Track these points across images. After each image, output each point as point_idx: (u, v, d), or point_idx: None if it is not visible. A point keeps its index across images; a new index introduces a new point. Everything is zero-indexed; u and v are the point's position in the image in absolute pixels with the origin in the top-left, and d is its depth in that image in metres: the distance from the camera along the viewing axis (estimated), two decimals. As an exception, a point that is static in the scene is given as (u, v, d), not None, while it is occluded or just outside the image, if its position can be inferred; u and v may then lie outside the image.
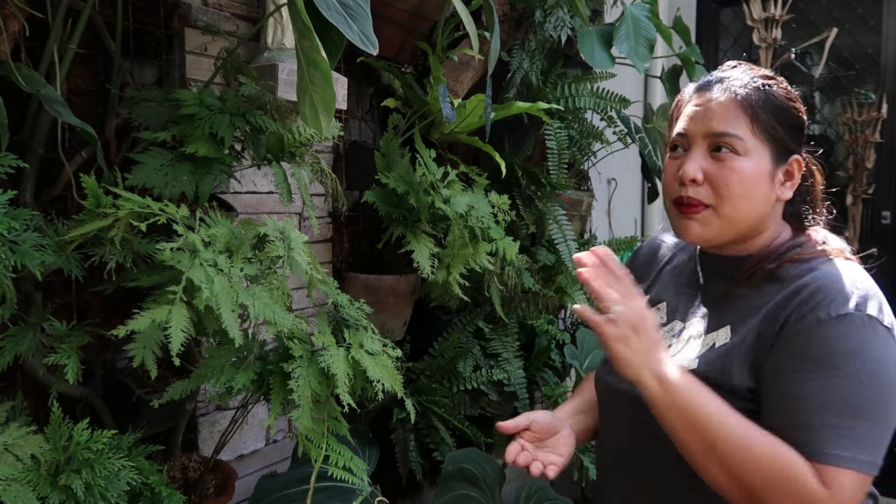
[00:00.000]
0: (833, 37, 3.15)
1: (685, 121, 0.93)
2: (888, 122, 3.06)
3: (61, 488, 0.92)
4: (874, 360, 0.78)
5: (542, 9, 2.07)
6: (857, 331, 0.79)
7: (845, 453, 0.77)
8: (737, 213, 0.90)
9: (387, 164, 1.62)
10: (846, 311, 0.80)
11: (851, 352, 0.78)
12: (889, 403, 0.79)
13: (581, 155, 2.30)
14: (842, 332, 0.79)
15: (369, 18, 0.93)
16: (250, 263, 0.98)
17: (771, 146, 0.90)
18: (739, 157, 0.89)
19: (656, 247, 1.15)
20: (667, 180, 0.96)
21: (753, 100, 0.89)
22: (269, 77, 1.39)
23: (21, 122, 1.12)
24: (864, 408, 0.77)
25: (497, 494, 1.61)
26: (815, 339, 0.80)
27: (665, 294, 1.04)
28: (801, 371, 0.80)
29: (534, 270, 2.11)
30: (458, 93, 1.92)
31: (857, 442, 0.77)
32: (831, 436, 0.77)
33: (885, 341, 0.80)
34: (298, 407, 1.03)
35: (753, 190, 0.89)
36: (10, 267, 0.88)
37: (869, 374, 0.78)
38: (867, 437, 0.77)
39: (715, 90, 0.92)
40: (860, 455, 0.77)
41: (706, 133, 0.90)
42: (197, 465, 1.37)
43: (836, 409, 0.77)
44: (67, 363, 0.98)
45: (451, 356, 1.99)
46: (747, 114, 0.89)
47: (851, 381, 0.78)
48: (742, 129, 0.89)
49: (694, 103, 0.94)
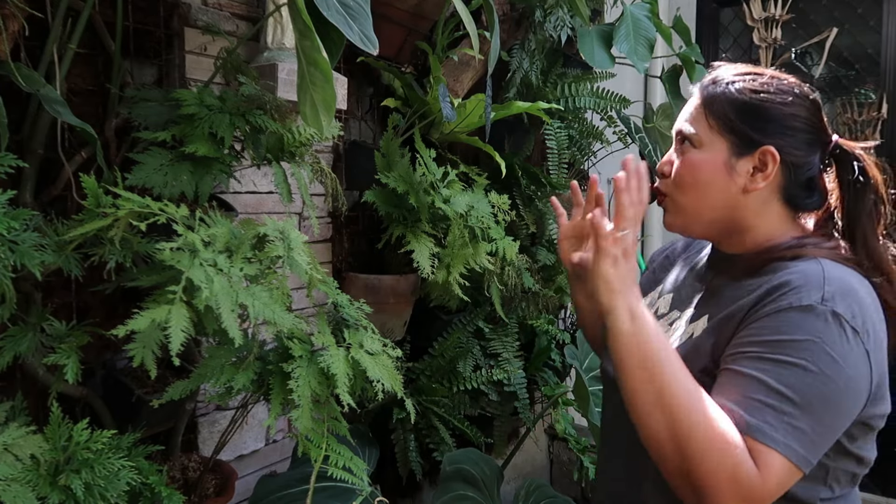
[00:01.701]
0: (833, 37, 3.15)
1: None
2: (888, 122, 3.06)
3: (61, 488, 0.92)
4: (830, 356, 0.76)
5: (542, 9, 2.07)
6: (817, 323, 0.77)
7: (783, 438, 0.75)
8: (689, 203, 0.94)
9: (387, 163, 1.62)
10: (809, 302, 0.78)
11: (807, 342, 0.76)
12: (837, 404, 0.77)
13: (581, 155, 2.31)
14: (801, 321, 0.77)
15: (369, 18, 0.93)
16: (250, 263, 0.98)
17: (730, 138, 0.90)
18: (693, 150, 0.93)
19: (685, 241, 1.18)
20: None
21: (715, 94, 0.92)
22: (269, 77, 1.39)
23: (21, 122, 1.12)
24: (809, 402, 0.75)
25: (496, 494, 1.61)
26: (774, 324, 0.79)
27: (675, 286, 1.07)
28: (754, 353, 0.79)
29: (534, 270, 2.11)
30: (458, 93, 1.92)
31: (795, 431, 0.75)
32: (772, 417, 0.75)
33: (846, 341, 0.77)
34: (298, 407, 1.03)
35: (705, 181, 0.92)
36: (9, 267, 0.87)
37: (821, 369, 0.76)
38: (806, 430, 0.75)
39: (696, 89, 0.97)
40: (795, 445, 0.75)
41: (677, 131, 0.97)
42: (197, 465, 1.37)
43: (782, 394, 0.76)
44: (67, 363, 0.98)
45: (451, 356, 1.99)
46: (706, 109, 0.93)
47: (802, 371, 0.76)
48: (700, 125, 0.93)
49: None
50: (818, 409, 0.76)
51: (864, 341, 0.78)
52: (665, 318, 1.02)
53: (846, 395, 0.77)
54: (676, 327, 0.98)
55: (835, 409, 0.77)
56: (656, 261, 1.19)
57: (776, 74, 0.94)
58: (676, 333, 0.96)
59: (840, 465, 0.84)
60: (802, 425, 0.75)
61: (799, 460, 0.75)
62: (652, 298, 1.11)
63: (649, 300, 1.11)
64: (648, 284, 1.15)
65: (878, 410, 0.83)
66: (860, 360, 0.78)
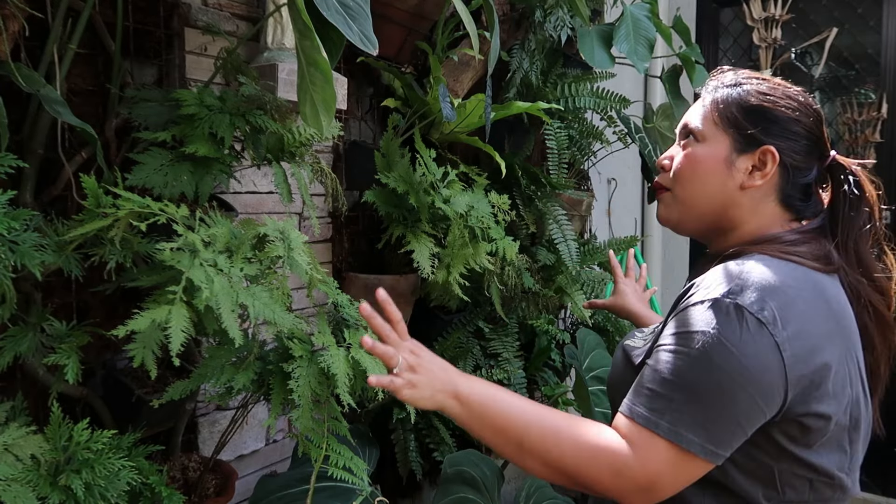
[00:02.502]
0: (833, 37, 3.15)
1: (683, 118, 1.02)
2: (888, 122, 3.06)
3: (61, 488, 0.92)
4: (723, 346, 0.76)
5: (542, 9, 2.07)
6: (716, 315, 0.78)
7: (668, 424, 0.77)
8: (688, 195, 0.95)
9: (387, 164, 1.62)
10: (714, 296, 0.80)
11: (702, 333, 0.78)
12: (732, 393, 0.76)
13: (581, 155, 2.31)
14: (701, 314, 0.80)
15: (369, 18, 0.93)
16: (250, 263, 0.98)
17: (732, 134, 0.92)
18: (696, 144, 0.95)
19: None
20: None
21: (723, 94, 0.95)
22: (269, 77, 1.39)
23: (21, 122, 1.12)
24: (697, 390, 0.77)
25: (496, 496, 1.61)
26: (679, 319, 0.82)
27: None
28: (658, 346, 0.84)
29: (534, 270, 2.11)
30: (458, 93, 1.92)
31: (683, 417, 0.77)
32: (658, 403, 0.79)
33: (746, 331, 0.76)
34: (298, 407, 1.03)
35: (704, 173, 0.93)
36: (10, 267, 0.88)
37: (712, 359, 0.76)
38: (696, 417, 0.76)
39: (703, 90, 0.99)
40: (682, 430, 0.76)
41: (683, 125, 0.99)
42: (197, 465, 1.37)
43: (670, 382, 0.79)
44: (67, 363, 0.98)
45: (451, 356, 1.99)
46: (712, 106, 0.95)
47: (692, 360, 0.78)
48: (705, 120, 0.95)
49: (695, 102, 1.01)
50: (708, 397, 0.77)
51: (772, 333, 0.76)
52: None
53: (742, 385, 0.76)
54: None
55: (729, 398, 0.76)
56: None
57: (783, 82, 0.96)
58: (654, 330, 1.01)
59: (786, 467, 0.81)
60: (691, 411, 0.77)
61: (692, 446, 0.77)
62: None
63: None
64: None
65: (815, 409, 0.78)
66: (763, 350, 0.76)
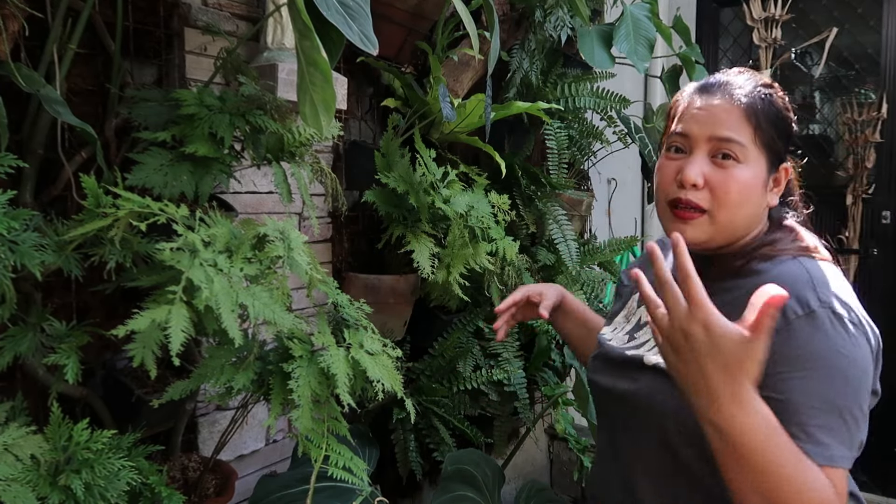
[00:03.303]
0: (833, 37, 3.15)
1: (688, 122, 0.92)
2: (888, 122, 3.06)
3: (61, 488, 0.92)
4: (843, 357, 0.79)
5: (542, 9, 2.07)
6: (824, 328, 0.79)
7: (846, 453, 0.78)
8: (732, 220, 0.90)
9: (387, 164, 1.62)
10: (811, 308, 0.80)
11: (823, 350, 0.79)
12: (860, 398, 0.80)
13: (581, 155, 2.31)
14: (811, 331, 0.80)
15: (369, 18, 0.93)
16: (250, 263, 0.98)
17: (767, 155, 0.91)
18: (740, 165, 0.89)
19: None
20: (663, 180, 0.94)
21: (758, 109, 0.89)
22: (269, 77, 1.39)
23: (21, 122, 1.12)
24: (842, 406, 0.78)
25: (496, 495, 1.61)
26: (787, 339, 0.80)
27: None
28: (780, 373, 0.79)
29: (534, 270, 2.11)
30: (458, 93, 1.92)
31: (845, 440, 0.78)
32: (829, 437, 0.77)
33: (851, 337, 0.80)
34: (298, 407, 1.03)
35: (750, 198, 0.90)
36: (9, 267, 0.87)
37: (840, 372, 0.78)
38: (850, 433, 0.78)
39: (718, 94, 0.91)
40: (848, 453, 0.78)
41: (710, 137, 0.89)
42: (197, 465, 1.37)
43: (823, 410, 0.78)
44: (67, 363, 0.98)
45: (451, 356, 1.99)
46: (751, 123, 0.89)
47: (828, 380, 0.78)
48: (745, 137, 0.89)
49: (697, 105, 0.92)
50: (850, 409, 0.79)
51: (864, 332, 0.81)
52: (647, 327, 1.02)
53: (864, 386, 0.80)
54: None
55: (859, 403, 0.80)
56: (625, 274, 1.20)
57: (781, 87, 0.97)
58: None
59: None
60: (847, 430, 0.78)
61: (850, 464, 0.79)
62: (630, 308, 1.10)
63: (626, 311, 1.11)
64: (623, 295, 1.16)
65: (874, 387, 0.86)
66: (865, 351, 0.81)
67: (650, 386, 0.91)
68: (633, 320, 1.07)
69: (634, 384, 0.94)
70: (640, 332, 1.03)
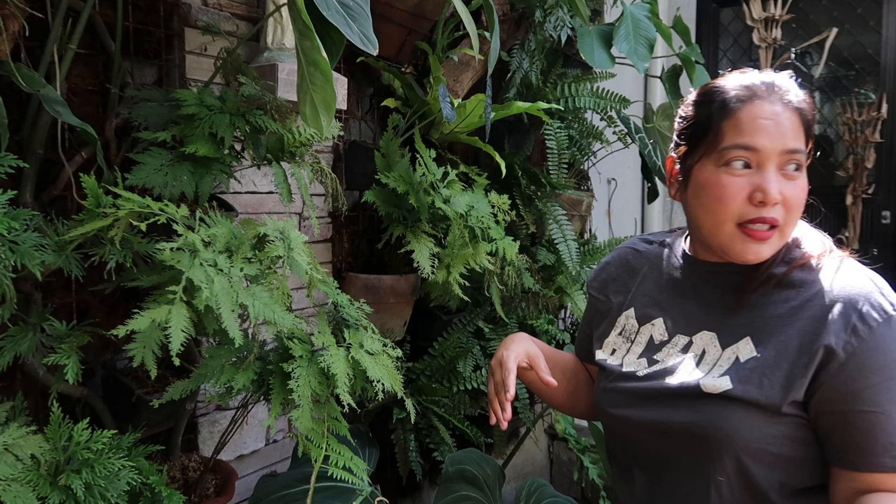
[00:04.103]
0: (833, 37, 3.15)
1: (754, 135, 0.84)
2: (888, 122, 3.06)
3: (61, 488, 0.92)
4: None
5: (542, 9, 2.07)
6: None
7: None
8: (791, 230, 0.88)
9: (387, 164, 1.62)
10: (888, 314, 0.80)
11: None
12: None
13: (581, 155, 2.31)
14: (892, 335, 0.79)
15: (369, 18, 0.93)
16: (250, 263, 0.98)
17: (807, 160, 0.89)
18: (803, 174, 0.86)
19: (629, 256, 1.08)
20: (731, 198, 0.85)
21: (807, 112, 0.87)
22: (269, 77, 1.39)
23: (21, 122, 1.12)
24: None
25: (497, 495, 1.61)
26: (873, 347, 0.79)
27: (656, 308, 0.99)
28: (873, 385, 0.78)
29: (534, 270, 2.11)
30: (458, 93, 1.92)
31: None
32: None
33: None
34: (298, 407, 1.03)
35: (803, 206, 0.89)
36: (10, 267, 0.88)
37: None
38: None
39: (776, 100, 0.85)
40: None
41: (782, 150, 0.84)
42: (197, 465, 1.37)
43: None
44: (67, 363, 0.98)
45: (451, 356, 1.99)
46: (804, 128, 0.86)
47: None
48: (804, 144, 0.86)
49: (759, 115, 0.85)
50: None
51: None
52: (669, 344, 0.94)
53: None
54: (695, 352, 0.91)
55: None
56: (600, 287, 1.09)
57: None
58: (705, 360, 0.89)
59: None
60: None
61: None
62: (624, 326, 1.02)
63: (618, 329, 1.02)
64: (604, 311, 1.06)
65: None
66: None
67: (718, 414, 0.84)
68: (640, 339, 0.98)
69: (697, 415, 0.85)
70: (658, 353, 0.94)
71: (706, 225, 0.89)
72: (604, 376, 1.00)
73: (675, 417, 0.87)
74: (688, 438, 0.86)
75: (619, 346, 1.01)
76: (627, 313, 1.01)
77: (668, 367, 0.91)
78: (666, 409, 0.88)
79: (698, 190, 0.89)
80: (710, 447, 0.83)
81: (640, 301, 1.01)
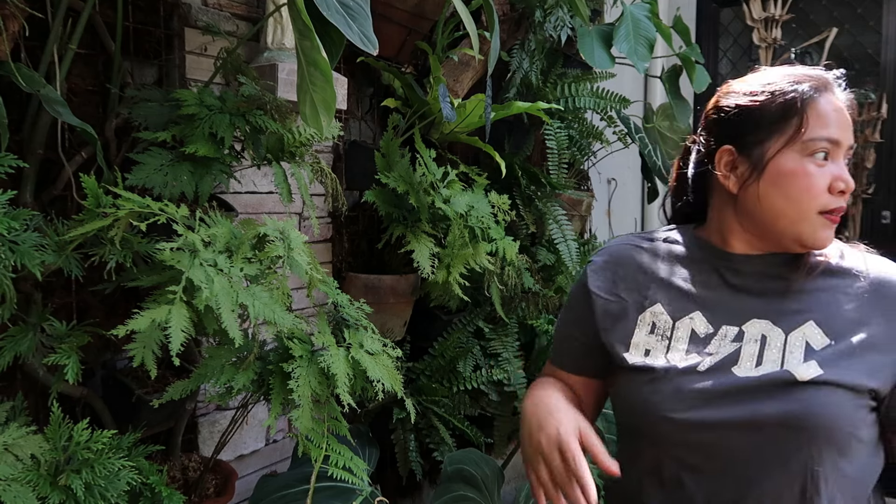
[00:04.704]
0: (833, 37, 3.15)
1: (834, 128, 0.88)
2: (888, 122, 3.06)
3: (61, 488, 0.92)
4: None
5: (542, 9, 2.07)
6: None
7: None
8: None
9: (387, 164, 1.62)
10: None
11: None
12: None
13: (581, 155, 2.31)
14: None
15: (369, 18, 0.93)
16: (250, 263, 0.98)
17: None
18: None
19: (633, 253, 1.02)
20: (814, 187, 0.87)
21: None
22: (269, 77, 1.39)
23: (21, 122, 1.12)
24: None
25: (496, 495, 1.61)
26: None
27: (688, 302, 0.94)
28: None
29: (534, 270, 2.11)
30: (458, 93, 1.92)
31: None
32: None
33: None
34: (298, 407, 1.03)
35: None
36: (10, 267, 0.88)
37: None
38: None
39: (839, 95, 0.92)
40: None
41: (850, 145, 0.91)
42: (197, 465, 1.37)
43: None
44: (67, 363, 0.98)
45: (451, 356, 1.99)
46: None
47: None
48: None
49: (833, 108, 0.89)
50: None
51: None
52: (717, 336, 0.90)
53: None
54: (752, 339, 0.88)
55: None
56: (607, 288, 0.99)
57: None
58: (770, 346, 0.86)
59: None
60: None
61: None
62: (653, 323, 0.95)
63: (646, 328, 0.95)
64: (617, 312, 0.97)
65: None
66: None
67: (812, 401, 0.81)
68: (679, 335, 0.92)
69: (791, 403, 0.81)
70: (708, 346, 0.89)
71: (789, 214, 0.88)
72: (646, 380, 0.90)
73: (766, 409, 0.81)
74: (782, 431, 0.81)
75: (654, 345, 0.92)
76: (653, 310, 0.95)
77: (728, 359, 0.87)
78: (752, 402, 0.82)
79: (780, 179, 0.88)
80: (808, 437, 0.80)
81: (665, 296, 0.95)
